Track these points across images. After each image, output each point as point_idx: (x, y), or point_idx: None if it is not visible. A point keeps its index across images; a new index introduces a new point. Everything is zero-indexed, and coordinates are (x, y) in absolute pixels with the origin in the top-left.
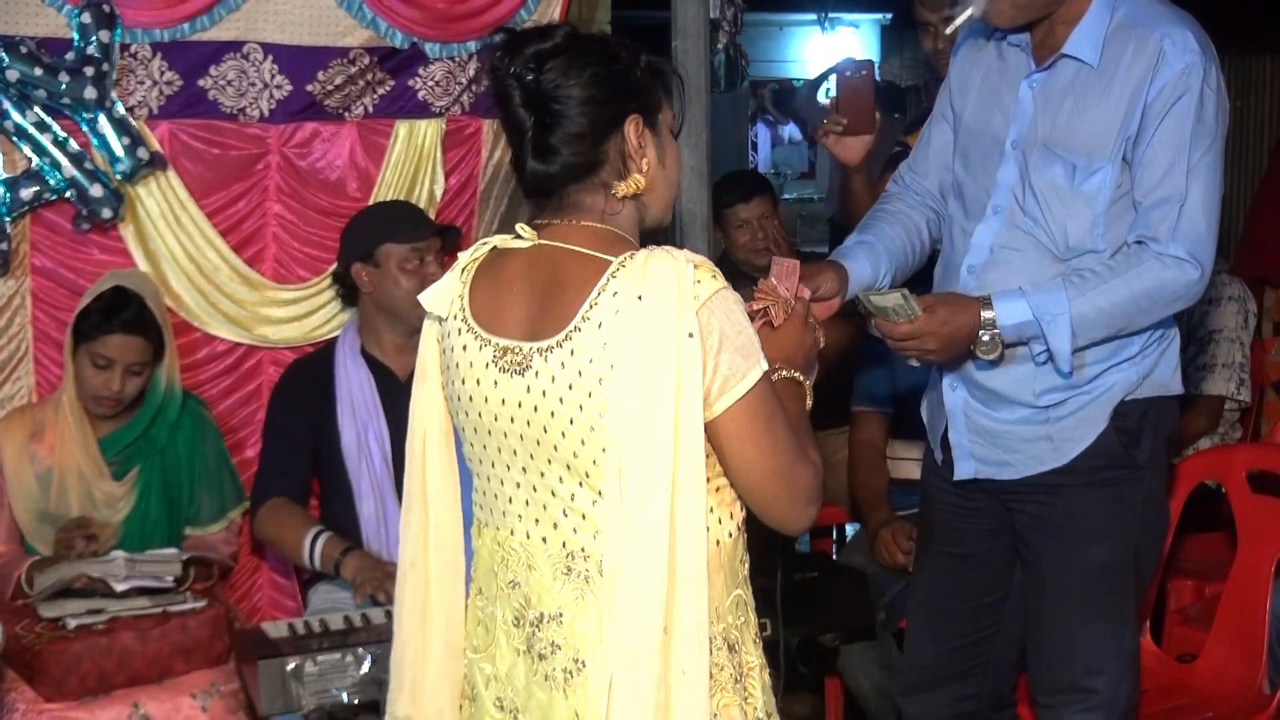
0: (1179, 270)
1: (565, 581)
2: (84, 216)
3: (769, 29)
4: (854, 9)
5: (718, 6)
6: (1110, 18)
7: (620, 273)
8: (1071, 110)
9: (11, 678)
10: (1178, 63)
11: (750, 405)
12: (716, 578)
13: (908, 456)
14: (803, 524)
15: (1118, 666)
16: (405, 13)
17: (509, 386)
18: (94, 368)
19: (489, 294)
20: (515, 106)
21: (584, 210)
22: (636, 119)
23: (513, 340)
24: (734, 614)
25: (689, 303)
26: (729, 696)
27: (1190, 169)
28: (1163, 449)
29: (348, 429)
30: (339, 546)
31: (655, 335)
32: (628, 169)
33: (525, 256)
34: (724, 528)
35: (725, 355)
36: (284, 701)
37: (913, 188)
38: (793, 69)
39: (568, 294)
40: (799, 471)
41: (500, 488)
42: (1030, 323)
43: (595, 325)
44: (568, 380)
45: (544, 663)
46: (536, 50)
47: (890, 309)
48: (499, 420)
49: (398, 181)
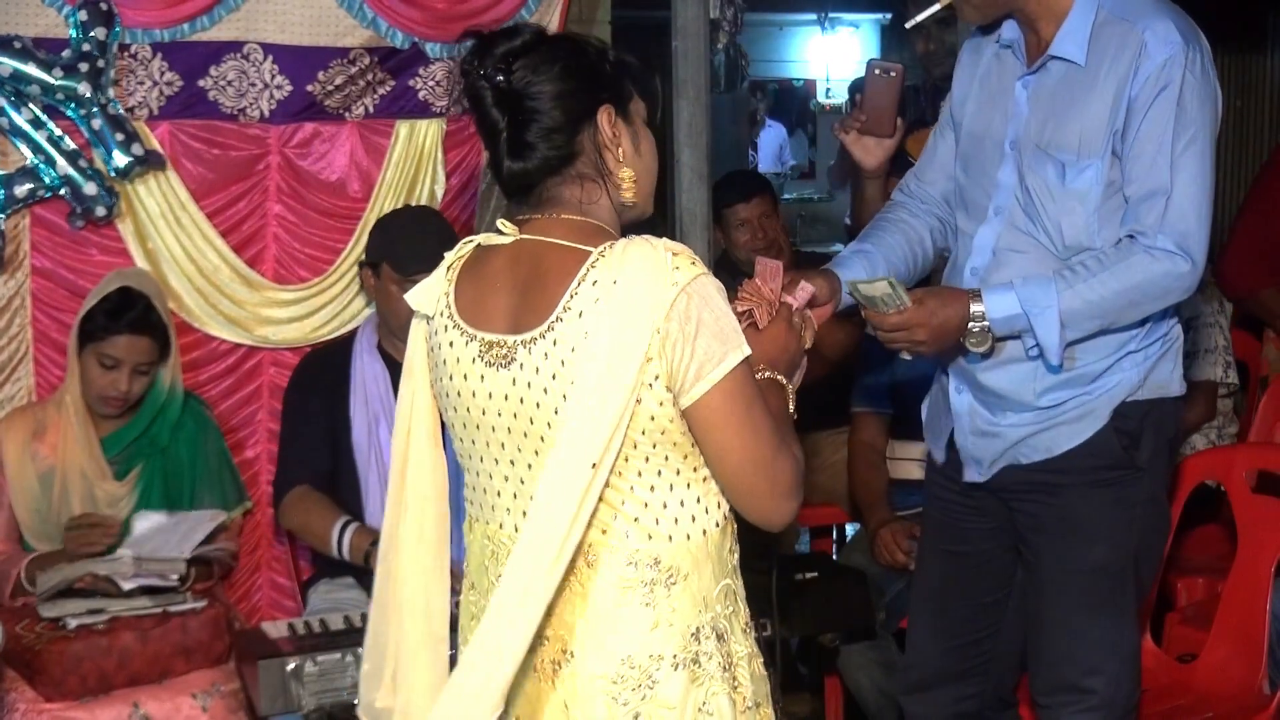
0: (1169, 263)
1: None
2: (78, 214)
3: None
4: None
5: (718, 6)
6: (1095, 14)
7: (600, 262)
8: (1062, 109)
9: (11, 677)
10: (1159, 54)
11: (727, 390)
12: (704, 567)
13: (908, 456)
14: (783, 517)
15: (1117, 667)
16: (406, 13)
17: (495, 380)
18: (101, 368)
19: (474, 290)
20: (488, 107)
21: (563, 203)
22: (608, 109)
23: (497, 334)
24: (722, 603)
25: (666, 289)
26: (717, 685)
27: (1175, 161)
28: (1164, 450)
29: (359, 422)
30: (369, 537)
31: (629, 319)
32: (603, 159)
33: (508, 251)
34: (711, 517)
35: (702, 340)
36: (284, 701)
37: (918, 196)
38: (793, 69)
39: (549, 286)
40: (779, 463)
41: (490, 482)
42: (1019, 315)
43: (576, 315)
44: (551, 371)
45: (532, 655)
46: (505, 50)
47: (878, 299)
48: (486, 414)
49: (398, 182)
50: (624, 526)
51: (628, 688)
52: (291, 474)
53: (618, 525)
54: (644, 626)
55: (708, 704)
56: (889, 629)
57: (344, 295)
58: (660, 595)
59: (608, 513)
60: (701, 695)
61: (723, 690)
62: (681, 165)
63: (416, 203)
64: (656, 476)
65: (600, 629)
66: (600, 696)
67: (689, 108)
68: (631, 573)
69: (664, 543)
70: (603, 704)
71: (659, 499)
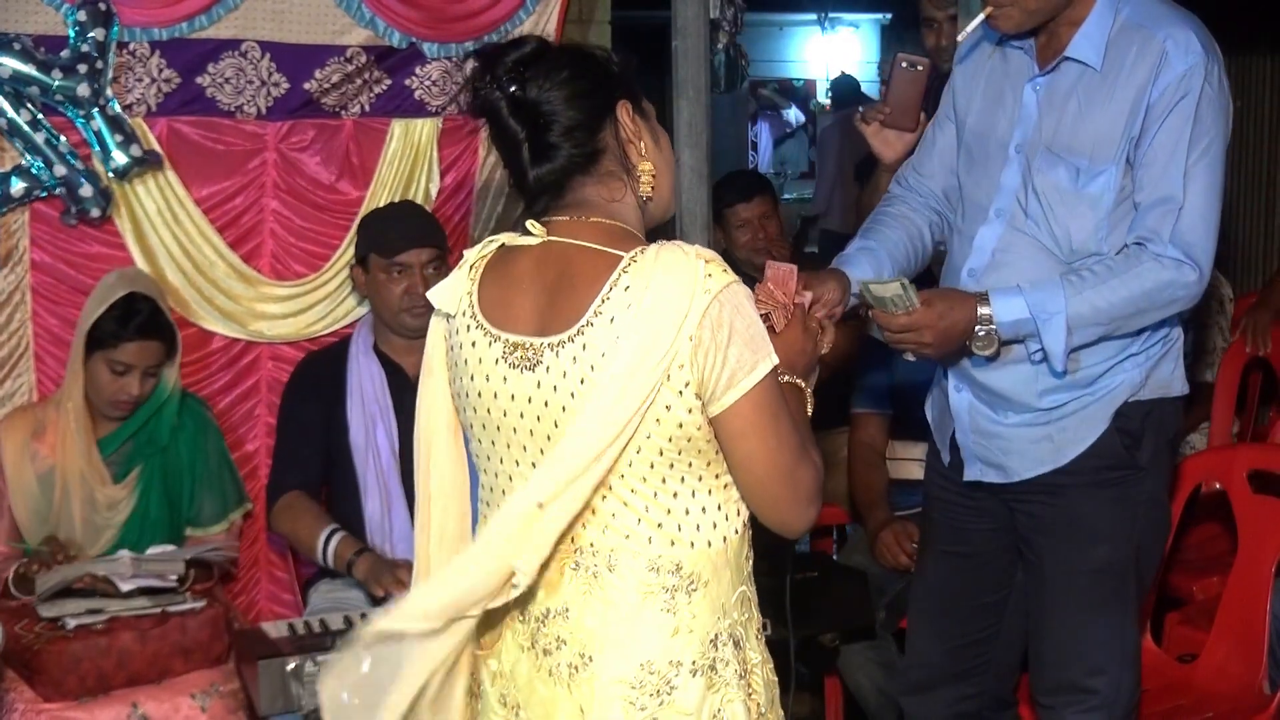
0: (1177, 272)
1: (573, 576)
2: (72, 213)
3: (769, 29)
4: (854, 9)
5: (718, 6)
6: (1114, 19)
7: (632, 267)
8: (1075, 113)
9: (11, 678)
10: (1180, 64)
11: (757, 399)
12: (723, 574)
13: (908, 456)
14: (804, 524)
15: (1118, 667)
16: (404, 12)
17: (519, 382)
18: (111, 374)
19: (498, 291)
20: (505, 118)
21: (591, 206)
22: (626, 104)
23: (523, 336)
24: (739, 610)
25: (701, 297)
26: (733, 692)
27: (1189, 170)
28: (1165, 450)
29: (356, 423)
30: (352, 547)
31: (661, 326)
32: (627, 154)
33: (535, 253)
34: (730, 525)
35: (734, 349)
36: (284, 701)
37: (916, 189)
38: (793, 69)
39: (579, 289)
40: (802, 471)
41: (509, 483)
42: (1027, 320)
43: (608, 320)
44: (579, 375)
45: (548, 658)
46: (515, 59)
47: (889, 299)
48: (508, 416)
49: (393, 180)
50: (647, 532)
51: (646, 693)
52: (283, 481)
53: (640, 530)
54: (664, 632)
55: (723, 711)
56: (889, 629)
57: (339, 291)
58: (681, 601)
59: (630, 518)
60: (717, 702)
61: (738, 697)
62: (681, 165)
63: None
64: (680, 483)
65: (620, 634)
66: (618, 701)
67: (689, 108)
68: (653, 578)
69: (685, 549)
70: (620, 708)
71: (681, 505)
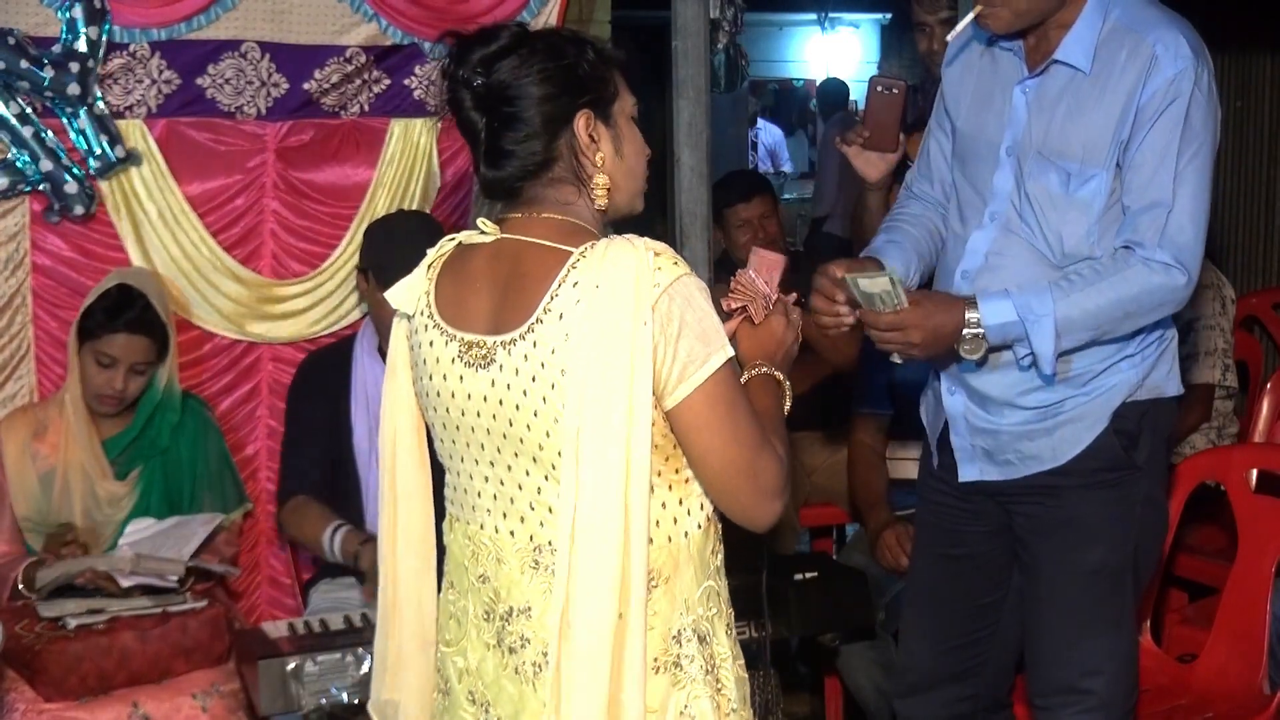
0: (1165, 276)
1: (534, 575)
2: (55, 210)
3: (769, 29)
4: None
5: (718, 6)
6: (1103, 22)
7: (581, 263)
8: (1065, 116)
9: (11, 678)
10: (1170, 68)
11: (710, 393)
12: (686, 569)
13: (907, 457)
14: (767, 518)
15: (1115, 667)
16: (406, 10)
17: (474, 381)
18: (98, 366)
19: (454, 289)
20: (467, 110)
21: (544, 203)
22: (586, 114)
23: (477, 335)
24: (704, 605)
25: (648, 290)
26: (699, 688)
27: (1178, 174)
28: (1161, 450)
29: (360, 424)
30: (357, 539)
31: (613, 324)
32: (581, 164)
33: (488, 251)
34: (693, 519)
35: (684, 342)
36: (284, 701)
37: (922, 196)
38: (793, 69)
39: (529, 286)
40: (763, 463)
41: (470, 482)
42: (1015, 323)
43: (556, 316)
44: (530, 373)
45: (514, 656)
46: (483, 54)
47: (877, 295)
48: (466, 415)
49: (393, 180)
50: None
51: None
52: (291, 485)
53: None
54: None
55: (690, 707)
56: (889, 629)
57: (339, 292)
58: None
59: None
60: (683, 699)
61: (705, 693)
62: (681, 165)
63: (411, 200)
64: None
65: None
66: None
67: (689, 108)
68: None
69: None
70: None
71: None
